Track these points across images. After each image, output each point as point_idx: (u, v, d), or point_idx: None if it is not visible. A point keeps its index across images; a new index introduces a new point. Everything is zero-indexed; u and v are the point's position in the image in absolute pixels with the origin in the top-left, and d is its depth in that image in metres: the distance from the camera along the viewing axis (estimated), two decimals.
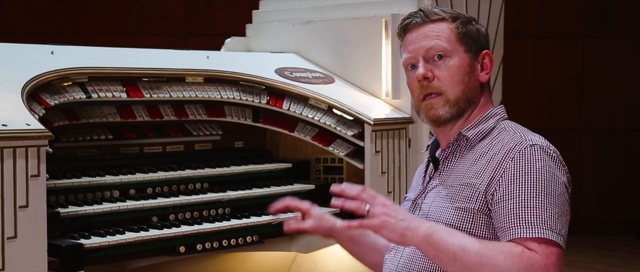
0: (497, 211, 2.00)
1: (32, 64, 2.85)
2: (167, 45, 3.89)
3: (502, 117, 2.19)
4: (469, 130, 2.15)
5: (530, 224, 1.94)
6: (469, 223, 2.04)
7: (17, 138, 2.39)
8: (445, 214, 2.08)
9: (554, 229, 1.94)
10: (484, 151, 2.09)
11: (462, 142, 2.16)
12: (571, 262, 6.26)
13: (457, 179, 2.11)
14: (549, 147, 2.05)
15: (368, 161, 3.39)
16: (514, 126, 2.15)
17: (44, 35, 6.20)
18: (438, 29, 2.15)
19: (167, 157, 3.28)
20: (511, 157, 2.02)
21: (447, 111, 2.14)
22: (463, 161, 2.13)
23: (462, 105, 2.14)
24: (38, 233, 2.43)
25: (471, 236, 1.98)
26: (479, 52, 2.17)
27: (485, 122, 2.16)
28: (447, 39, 2.14)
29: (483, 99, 2.19)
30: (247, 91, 3.40)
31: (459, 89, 2.13)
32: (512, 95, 6.44)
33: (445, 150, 2.19)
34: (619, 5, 7.53)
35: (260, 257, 3.49)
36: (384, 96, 3.64)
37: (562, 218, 1.97)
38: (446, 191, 2.11)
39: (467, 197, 2.05)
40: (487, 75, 2.18)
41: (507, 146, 2.05)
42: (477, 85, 2.17)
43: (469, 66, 2.15)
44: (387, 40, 3.61)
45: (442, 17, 2.17)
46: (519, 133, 2.09)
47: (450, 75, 2.13)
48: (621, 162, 7.54)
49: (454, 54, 2.14)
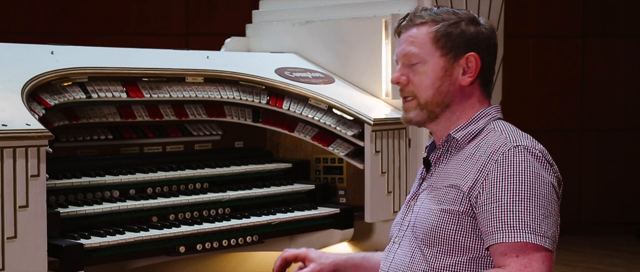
0: (480, 215, 2.00)
1: (32, 64, 2.85)
2: (168, 45, 3.90)
3: (494, 117, 2.17)
4: (457, 131, 2.15)
5: (511, 229, 1.93)
6: (454, 225, 2.04)
7: (17, 138, 2.39)
8: (431, 217, 2.08)
9: (538, 231, 1.93)
10: (471, 152, 2.09)
11: (451, 143, 2.16)
12: (571, 262, 6.26)
13: (444, 180, 2.11)
14: (535, 148, 2.03)
15: (368, 161, 3.39)
16: (503, 127, 2.12)
17: (45, 35, 6.20)
18: (416, 33, 2.17)
19: (167, 157, 3.29)
20: (495, 159, 2.01)
21: (417, 114, 2.17)
22: (451, 162, 2.13)
23: (431, 109, 2.16)
24: (38, 233, 2.43)
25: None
26: (461, 55, 2.15)
27: (475, 123, 2.15)
28: (421, 45, 2.16)
29: (470, 101, 2.17)
30: (247, 91, 3.40)
31: (428, 93, 2.15)
32: (513, 95, 6.46)
33: (436, 152, 2.20)
34: (620, 5, 7.53)
35: (260, 257, 3.49)
36: (384, 96, 3.64)
37: (548, 219, 1.96)
38: (434, 192, 2.12)
39: (452, 199, 2.05)
40: (470, 78, 2.15)
41: (492, 147, 2.04)
42: (455, 88, 2.15)
43: (443, 70, 2.14)
44: (387, 40, 3.61)
45: (425, 21, 2.17)
46: (506, 134, 2.07)
47: (419, 81, 2.16)
48: (621, 162, 7.54)
49: (428, 58, 2.15)
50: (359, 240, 3.46)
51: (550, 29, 7.48)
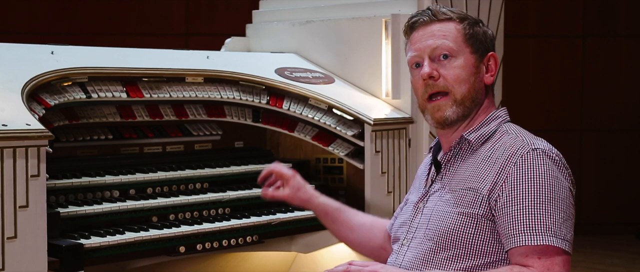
0: (500, 218, 2.00)
1: (32, 64, 2.85)
2: (168, 45, 3.90)
3: (505, 119, 2.19)
4: (471, 133, 2.14)
5: (533, 232, 1.94)
6: (472, 228, 2.03)
7: (17, 138, 2.39)
8: (447, 219, 2.07)
9: (559, 234, 1.95)
10: (486, 155, 2.09)
11: (464, 145, 2.15)
12: (571, 262, 6.25)
13: (459, 183, 2.10)
14: (552, 151, 2.05)
15: (368, 161, 3.39)
16: (517, 129, 2.14)
17: (45, 35, 6.20)
18: (445, 28, 2.15)
19: (167, 157, 3.28)
20: (514, 162, 2.01)
21: (454, 112, 2.13)
22: (465, 165, 2.12)
23: (468, 104, 2.14)
24: (38, 233, 2.43)
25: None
26: (485, 54, 2.17)
27: (487, 125, 2.15)
28: (454, 39, 2.14)
29: (486, 101, 2.19)
30: (247, 91, 3.40)
31: (464, 87, 2.13)
32: (513, 95, 6.45)
33: (447, 153, 2.18)
34: (620, 5, 7.53)
35: (260, 257, 3.50)
36: (384, 96, 3.64)
37: (567, 222, 1.98)
38: (449, 195, 2.10)
39: (470, 202, 2.05)
40: (492, 77, 2.18)
41: (509, 150, 2.05)
42: (482, 86, 2.17)
43: (475, 67, 2.15)
44: (387, 40, 3.61)
45: (450, 17, 2.17)
46: (522, 137, 2.08)
47: (456, 75, 2.12)
48: (621, 162, 7.54)
49: (460, 54, 2.14)
50: None
51: (550, 29, 7.48)
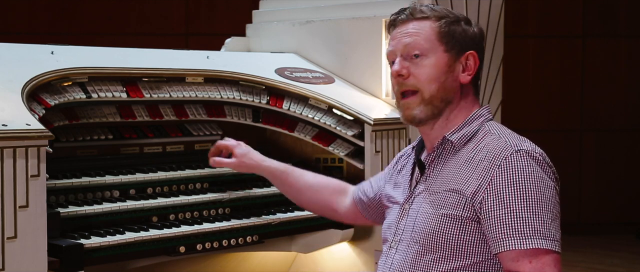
0: (487, 221, 1.99)
1: (32, 64, 2.85)
2: (168, 45, 3.89)
3: (487, 118, 2.17)
4: (453, 134, 2.14)
5: (523, 235, 1.94)
6: (456, 230, 2.03)
7: (17, 138, 2.39)
8: (431, 222, 2.06)
9: (548, 236, 1.94)
10: (469, 156, 2.07)
11: (446, 146, 2.15)
12: (571, 262, 6.26)
13: (442, 184, 2.09)
14: (535, 151, 2.03)
15: (368, 161, 3.39)
16: (499, 129, 2.12)
17: (45, 35, 6.20)
18: (419, 27, 2.16)
19: (167, 157, 3.28)
20: (498, 164, 2.00)
21: (421, 110, 2.14)
22: (448, 166, 2.11)
23: (436, 104, 2.13)
24: (38, 233, 2.43)
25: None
26: (462, 52, 2.16)
27: (469, 125, 2.14)
28: (426, 38, 2.15)
29: (466, 100, 2.17)
30: (247, 91, 3.40)
31: (433, 86, 2.12)
32: (513, 95, 6.46)
33: (431, 154, 2.18)
34: (620, 5, 7.53)
35: (260, 257, 3.49)
36: (384, 96, 3.64)
37: (555, 222, 1.97)
38: (432, 197, 2.10)
39: (453, 204, 2.04)
40: (469, 76, 2.16)
41: (492, 151, 2.04)
42: (456, 85, 2.16)
43: (447, 66, 2.14)
44: (387, 40, 3.60)
45: (427, 16, 2.17)
46: (505, 138, 2.07)
47: (425, 73, 2.13)
48: (621, 162, 7.54)
49: (432, 52, 2.14)
50: (359, 240, 3.46)
51: (550, 29, 7.49)
